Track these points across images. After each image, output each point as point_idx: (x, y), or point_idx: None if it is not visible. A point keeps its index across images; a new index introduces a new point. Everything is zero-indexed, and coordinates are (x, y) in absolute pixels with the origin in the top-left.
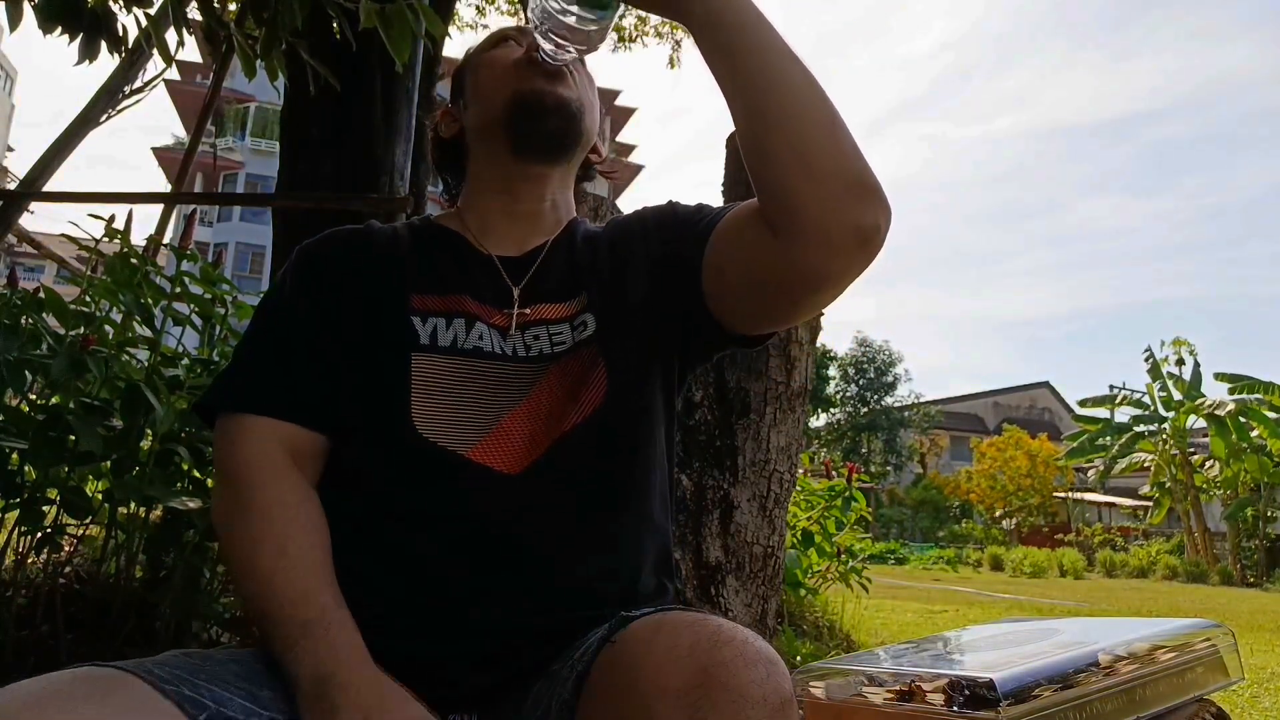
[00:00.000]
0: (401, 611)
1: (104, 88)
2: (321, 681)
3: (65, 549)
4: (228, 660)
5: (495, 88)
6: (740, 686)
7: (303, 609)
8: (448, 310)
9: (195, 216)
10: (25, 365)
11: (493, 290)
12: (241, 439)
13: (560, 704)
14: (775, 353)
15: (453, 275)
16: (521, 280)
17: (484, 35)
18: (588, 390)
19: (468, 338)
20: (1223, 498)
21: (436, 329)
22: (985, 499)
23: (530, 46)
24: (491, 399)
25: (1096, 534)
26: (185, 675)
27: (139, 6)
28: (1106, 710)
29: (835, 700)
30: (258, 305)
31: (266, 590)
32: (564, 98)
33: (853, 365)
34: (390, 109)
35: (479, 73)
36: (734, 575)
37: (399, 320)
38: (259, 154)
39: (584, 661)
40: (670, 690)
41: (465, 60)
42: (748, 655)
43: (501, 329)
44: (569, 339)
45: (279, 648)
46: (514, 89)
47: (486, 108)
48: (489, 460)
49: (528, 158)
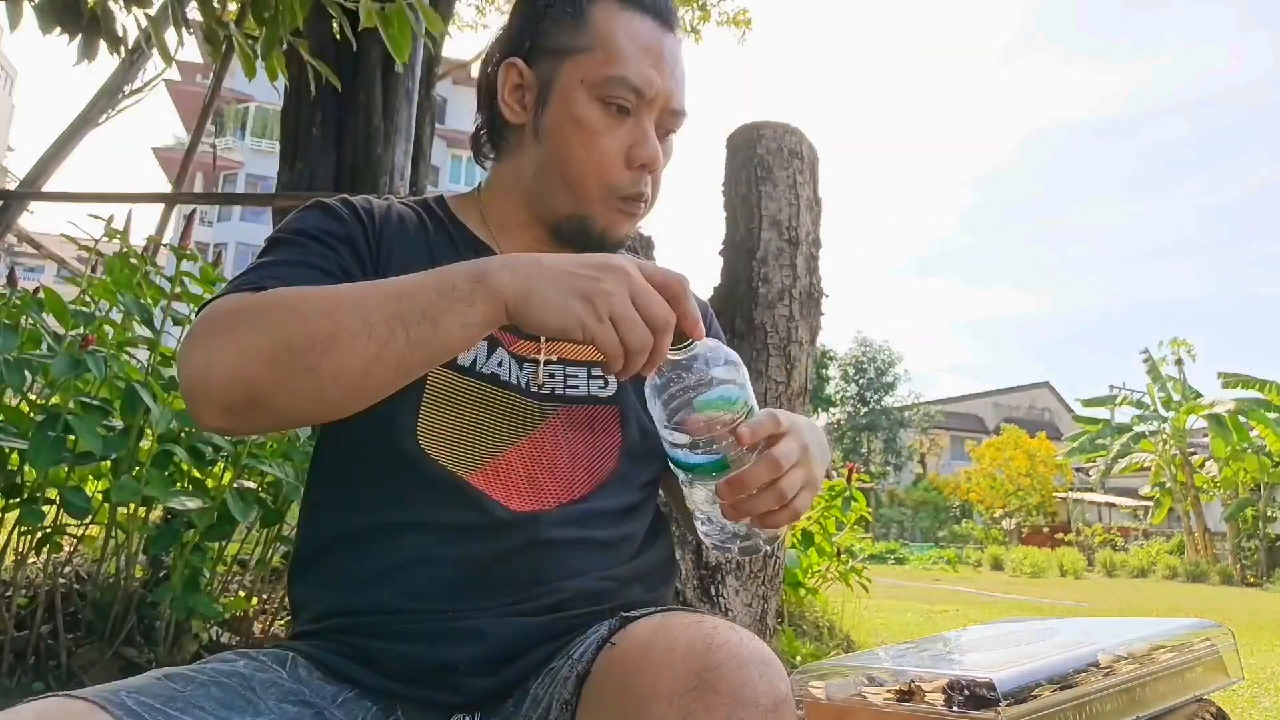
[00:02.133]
0: (401, 616)
1: (104, 88)
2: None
3: (65, 549)
4: (210, 683)
5: (578, 170)
6: (733, 689)
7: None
8: None
9: (195, 216)
10: (25, 365)
11: None
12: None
13: (561, 704)
14: (775, 353)
15: None
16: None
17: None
18: (599, 456)
19: (488, 361)
20: (1223, 498)
21: None
22: (985, 499)
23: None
24: (498, 427)
25: (1096, 534)
26: (158, 705)
27: (139, 6)
28: (1106, 710)
29: (834, 700)
30: (270, 237)
31: (355, 298)
32: (626, 238)
33: (853, 365)
34: (390, 109)
35: (576, 105)
36: (734, 575)
37: None
38: (259, 154)
39: (584, 661)
40: (664, 694)
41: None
42: (741, 658)
43: (519, 358)
44: (584, 387)
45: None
46: (588, 211)
47: (555, 174)
48: (488, 489)
49: (566, 248)
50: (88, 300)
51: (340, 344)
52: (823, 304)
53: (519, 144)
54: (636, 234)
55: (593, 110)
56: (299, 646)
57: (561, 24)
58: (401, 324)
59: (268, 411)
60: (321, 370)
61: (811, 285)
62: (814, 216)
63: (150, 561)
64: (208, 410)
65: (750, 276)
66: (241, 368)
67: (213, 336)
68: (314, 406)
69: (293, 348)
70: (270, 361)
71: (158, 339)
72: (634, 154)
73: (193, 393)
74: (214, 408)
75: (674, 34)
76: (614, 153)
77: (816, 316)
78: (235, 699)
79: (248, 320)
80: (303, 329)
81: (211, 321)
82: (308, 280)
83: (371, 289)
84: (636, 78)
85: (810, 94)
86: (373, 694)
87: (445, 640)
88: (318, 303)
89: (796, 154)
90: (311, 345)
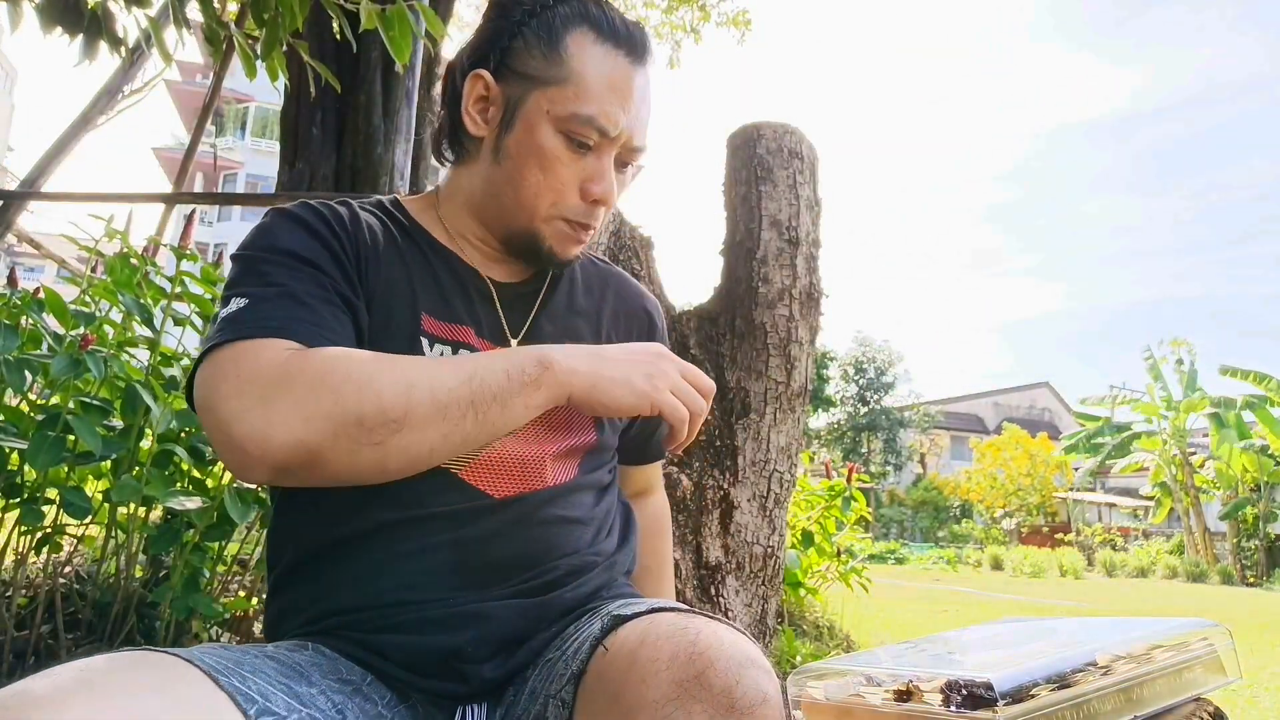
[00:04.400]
0: (401, 608)
1: (104, 88)
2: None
3: (65, 549)
4: (262, 656)
5: (531, 193)
6: (714, 695)
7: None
8: (454, 341)
9: (195, 216)
10: (25, 365)
11: (492, 326)
12: (263, 347)
13: (559, 703)
14: (775, 353)
15: (458, 302)
16: (521, 321)
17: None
18: (583, 430)
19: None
20: (1223, 498)
21: (442, 357)
22: (985, 499)
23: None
24: None
25: (1096, 534)
26: (232, 666)
27: (139, 6)
28: (1104, 709)
29: (833, 700)
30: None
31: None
32: (575, 259)
33: (853, 365)
34: (390, 109)
35: (540, 135)
36: (734, 575)
37: (411, 339)
38: (259, 154)
39: (579, 661)
40: (648, 702)
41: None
42: (720, 662)
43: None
44: None
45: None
46: (537, 230)
47: (508, 192)
48: (479, 482)
49: (518, 260)
50: (88, 300)
51: (413, 425)
52: (822, 304)
53: (476, 155)
54: (637, 235)
55: (555, 142)
56: (312, 640)
57: (534, 49)
58: (473, 407)
59: (323, 474)
60: (389, 446)
61: (811, 285)
62: (814, 216)
63: (150, 561)
64: (260, 470)
65: (750, 276)
66: (306, 435)
67: (270, 398)
68: (372, 474)
69: (364, 424)
70: (338, 434)
71: (158, 339)
72: (589, 188)
73: (247, 452)
74: (268, 469)
75: (644, 69)
76: (569, 183)
77: (816, 316)
78: (289, 671)
79: (309, 385)
80: (375, 406)
81: (263, 379)
82: (331, 319)
83: (443, 369)
84: (603, 118)
85: (810, 94)
86: (388, 680)
87: (447, 627)
88: (390, 378)
89: (796, 154)
90: (383, 423)
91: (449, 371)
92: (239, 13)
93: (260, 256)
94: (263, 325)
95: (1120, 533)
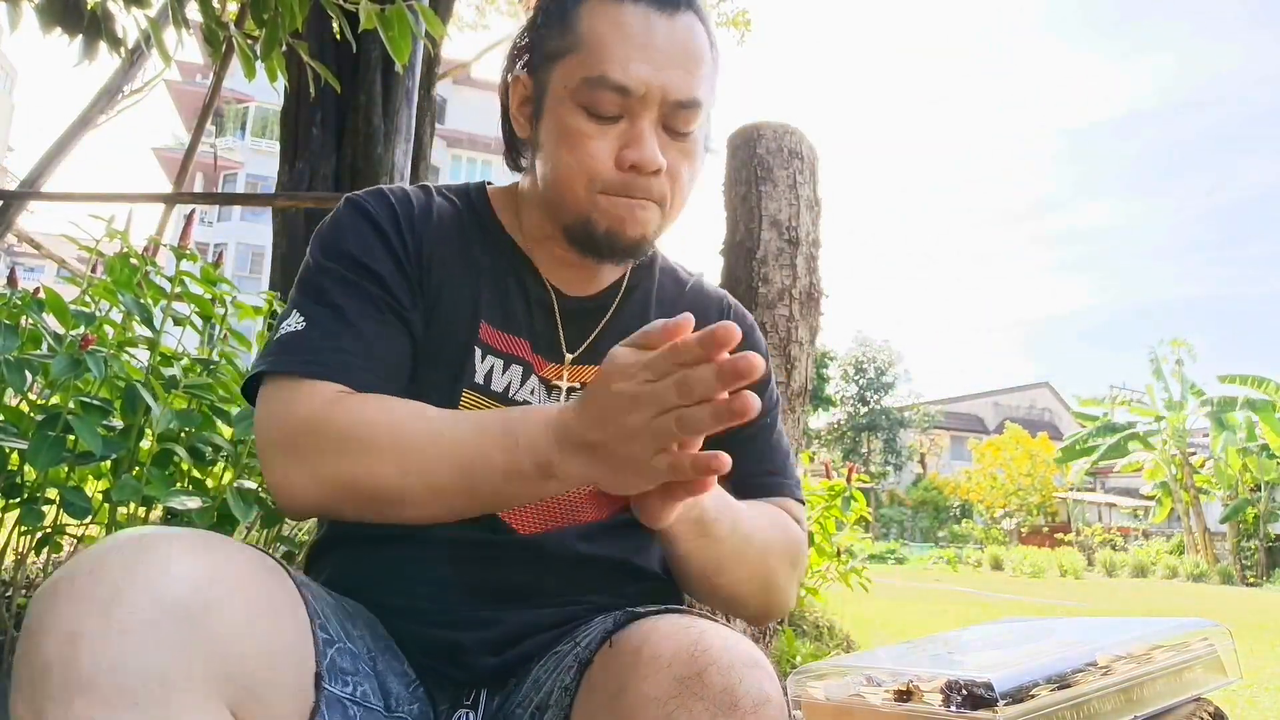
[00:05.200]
0: (423, 600)
1: (104, 88)
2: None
3: (65, 549)
4: (322, 591)
5: (566, 176)
6: (715, 694)
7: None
8: (507, 353)
9: (195, 216)
10: (25, 365)
11: (548, 341)
12: (305, 393)
13: (562, 689)
14: (775, 353)
15: (517, 311)
16: (581, 337)
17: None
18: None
19: (520, 388)
20: (1223, 498)
21: (493, 370)
22: (985, 499)
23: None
24: None
25: (1096, 534)
26: (300, 587)
27: (139, 6)
28: (1104, 710)
29: (833, 700)
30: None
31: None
32: (642, 237)
33: (853, 365)
34: (390, 109)
35: (562, 113)
36: None
37: (464, 347)
38: (259, 154)
39: (588, 649)
40: (650, 699)
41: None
42: (723, 662)
43: (548, 384)
44: None
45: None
46: (587, 214)
47: (551, 185)
48: (507, 515)
49: (588, 255)
50: (88, 300)
51: (408, 504)
52: (822, 304)
53: (531, 157)
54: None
55: (578, 118)
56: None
57: (552, 28)
58: (470, 496)
59: (349, 517)
60: (390, 515)
61: (811, 285)
62: (814, 216)
63: None
64: (290, 513)
65: (750, 276)
66: (319, 498)
67: (292, 455)
68: (397, 522)
69: (360, 493)
70: (343, 499)
71: (158, 339)
72: (624, 155)
73: (278, 498)
74: (299, 515)
75: (676, 17)
76: (601, 156)
77: (816, 316)
78: (341, 609)
79: (319, 449)
80: (370, 480)
81: (292, 432)
82: (382, 343)
83: (439, 449)
84: (621, 76)
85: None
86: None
87: (458, 626)
88: (389, 452)
89: (796, 154)
90: (378, 495)
91: (446, 456)
92: (239, 13)
93: (322, 266)
94: (312, 361)
95: (1120, 533)
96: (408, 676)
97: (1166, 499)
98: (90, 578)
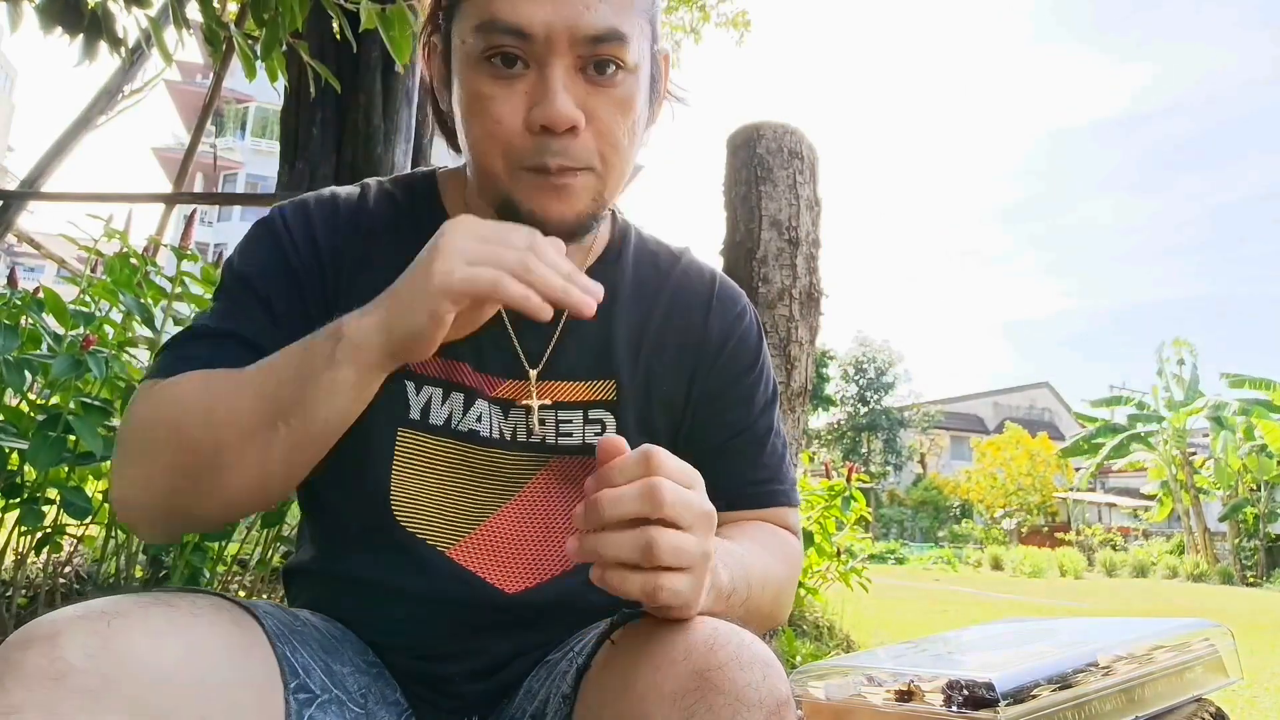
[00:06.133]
0: (401, 638)
1: (104, 88)
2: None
3: (65, 549)
4: (308, 625)
5: (480, 148)
6: (735, 690)
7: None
8: (445, 379)
9: (195, 216)
10: (25, 365)
11: (501, 354)
12: (137, 398)
13: (560, 698)
14: (775, 353)
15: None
16: (542, 347)
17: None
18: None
19: (464, 417)
20: (1223, 498)
21: (431, 401)
22: (985, 499)
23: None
24: (479, 491)
25: (1096, 534)
26: (288, 631)
27: (139, 6)
28: (1105, 710)
29: (834, 700)
30: (223, 273)
31: (244, 385)
32: (577, 216)
33: (853, 365)
34: (390, 109)
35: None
36: None
37: (390, 378)
38: (259, 154)
39: (584, 655)
40: (666, 693)
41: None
42: (743, 658)
43: (504, 404)
44: (579, 434)
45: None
46: (508, 194)
47: (471, 159)
48: (470, 564)
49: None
50: (88, 300)
51: (226, 460)
52: (822, 304)
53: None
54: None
55: (480, 78)
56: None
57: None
58: (280, 418)
59: (197, 523)
60: (222, 485)
61: (811, 285)
62: (814, 216)
63: (150, 561)
64: (141, 533)
65: (750, 276)
66: (151, 502)
67: (122, 465)
68: (239, 508)
69: (186, 473)
70: (172, 491)
71: (158, 339)
72: (532, 116)
73: (122, 517)
74: (145, 532)
75: None
76: (509, 120)
77: (816, 316)
78: (328, 644)
79: (141, 447)
80: (187, 451)
81: (124, 441)
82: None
83: (244, 387)
84: (510, 14)
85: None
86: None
87: (443, 659)
88: (195, 414)
89: (796, 154)
90: (200, 465)
91: (250, 387)
92: (239, 13)
93: (222, 284)
94: (171, 369)
95: (1120, 532)
96: (400, 706)
97: (1167, 499)
98: (41, 655)
